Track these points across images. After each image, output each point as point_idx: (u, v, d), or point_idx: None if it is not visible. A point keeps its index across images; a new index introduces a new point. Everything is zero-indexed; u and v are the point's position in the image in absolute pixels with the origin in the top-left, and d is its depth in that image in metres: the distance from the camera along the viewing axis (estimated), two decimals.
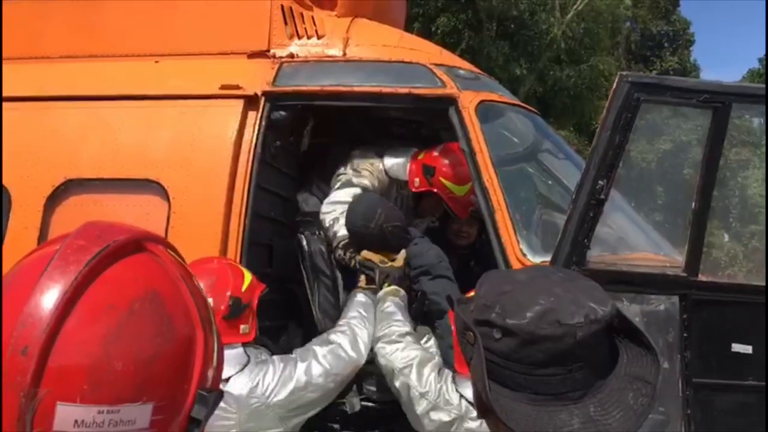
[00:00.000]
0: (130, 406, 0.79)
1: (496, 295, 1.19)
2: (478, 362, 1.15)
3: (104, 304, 0.82)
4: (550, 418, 1.10)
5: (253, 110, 3.57)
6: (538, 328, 1.11)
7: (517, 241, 3.29)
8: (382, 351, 3.01)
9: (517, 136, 3.99)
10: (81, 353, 0.78)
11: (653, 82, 3.14)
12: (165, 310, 0.86)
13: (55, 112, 3.61)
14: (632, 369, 1.16)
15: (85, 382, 0.77)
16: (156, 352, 0.83)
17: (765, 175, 4.83)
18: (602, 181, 3.05)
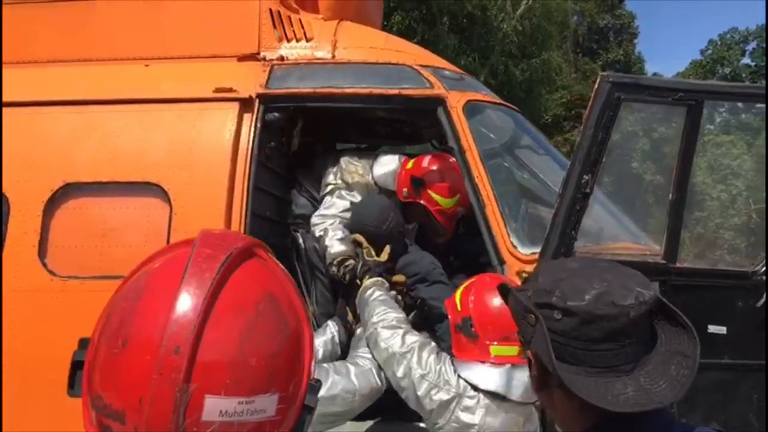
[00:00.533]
0: (262, 397, 0.89)
1: (553, 281, 1.35)
2: (541, 340, 1.31)
3: (235, 306, 0.92)
4: (607, 388, 1.27)
5: (248, 112, 3.65)
6: (596, 309, 1.28)
7: (508, 234, 3.46)
8: (381, 335, 3.07)
9: (501, 134, 4.15)
10: (222, 352, 0.88)
11: (632, 82, 3.35)
12: (281, 310, 0.97)
13: (50, 116, 3.63)
14: (671, 345, 1.35)
15: (227, 377, 0.87)
16: (279, 348, 0.94)
17: (765, 170, 5.07)
18: (587, 175, 3.24)
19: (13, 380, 3.27)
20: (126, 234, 3.41)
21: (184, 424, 0.85)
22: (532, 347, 1.36)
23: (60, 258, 3.42)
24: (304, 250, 3.80)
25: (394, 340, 3.03)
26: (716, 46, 38.29)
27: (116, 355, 0.89)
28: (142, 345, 0.88)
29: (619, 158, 16.13)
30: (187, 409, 0.85)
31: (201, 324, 0.88)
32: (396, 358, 2.98)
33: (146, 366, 0.86)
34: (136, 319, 0.91)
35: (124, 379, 0.88)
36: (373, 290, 3.34)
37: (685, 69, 38.80)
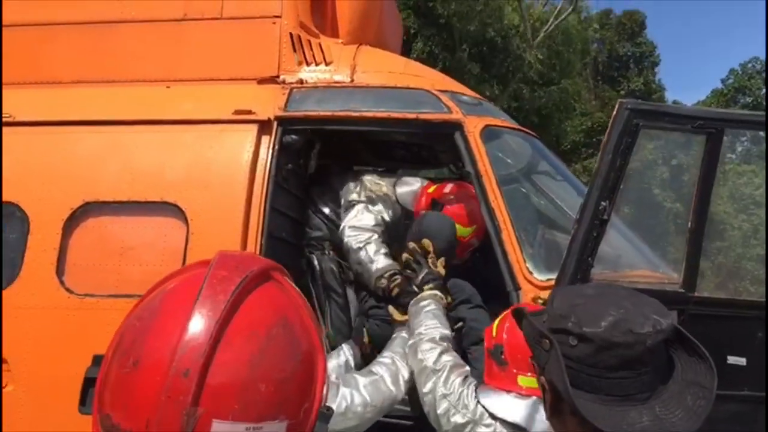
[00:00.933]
0: (270, 423, 0.88)
1: (569, 306, 1.33)
2: (555, 366, 1.29)
3: (247, 330, 0.91)
4: (622, 417, 1.25)
5: (267, 134, 3.68)
6: (612, 336, 1.26)
7: (524, 259, 3.44)
8: (420, 347, 3.08)
9: (518, 159, 4.15)
10: (232, 376, 0.87)
11: (651, 109, 3.34)
12: (294, 335, 0.96)
13: (72, 136, 3.69)
14: (688, 375, 1.32)
15: (236, 402, 0.86)
16: (290, 374, 0.93)
17: (765, 191, 5.04)
18: (605, 202, 3.22)
19: (30, 397, 3.28)
20: (143, 253, 3.43)
21: None
22: (546, 373, 1.34)
23: (77, 276, 3.45)
24: (320, 272, 3.79)
25: (431, 354, 3.05)
26: (737, 75, 38.13)
27: (127, 374, 0.89)
28: (152, 366, 0.88)
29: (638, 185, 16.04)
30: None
31: (212, 347, 0.87)
32: (426, 372, 3.01)
33: (155, 387, 0.86)
34: (149, 339, 0.91)
35: (133, 399, 0.87)
36: (429, 302, 3.34)
37: (706, 98, 38.66)
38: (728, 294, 6.01)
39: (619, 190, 3.28)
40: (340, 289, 3.76)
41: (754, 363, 3.32)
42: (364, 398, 2.97)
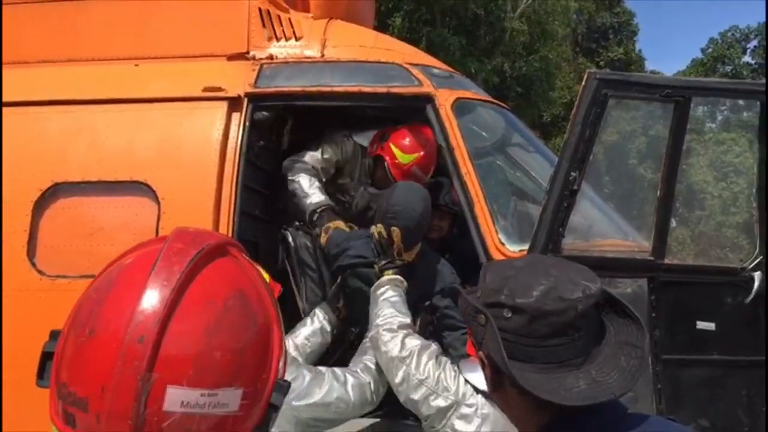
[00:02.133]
0: (225, 390, 0.89)
1: (501, 280, 1.36)
2: (492, 339, 1.32)
3: (203, 300, 0.92)
4: (559, 383, 1.28)
5: (237, 111, 3.66)
6: (544, 304, 1.29)
7: (496, 231, 3.46)
8: (382, 338, 2.98)
9: (490, 132, 4.16)
10: (187, 344, 0.88)
11: (619, 79, 3.36)
12: (251, 308, 0.97)
13: (39, 116, 3.64)
14: (620, 337, 1.36)
15: (190, 368, 0.87)
16: (246, 344, 0.94)
17: (758, 167, 5.05)
18: (575, 173, 3.24)
19: (5, 379, 3.27)
20: (114, 233, 3.41)
21: (144, 413, 0.86)
22: (484, 348, 1.36)
23: (49, 257, 3.43)
24: (294, 248, 3.80)
25: (393, 343, 2.94)
26: (717, 45, 38.25)
27: (83, 343, 0.90)
28: (107, 334, 0.89)
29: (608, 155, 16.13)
30: (148, 398, 0.86)
31: (167, 315, 0.88)
32: (395, 363, 2.90)
33: (110, 354, 0.87)
34: (104, 309, 0.92)
35: (88, 367, 0.89)
36: (386, 289, 3.20)
37: (686, 68, 38.81)
38: (702, 261, 6.10)
39: (588, 160, 3.30)
40: (315, 265, 3.77)
41: (723, 328, 3.38)
42: (349, 397, 2.91)
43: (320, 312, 3.52)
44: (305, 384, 2.83)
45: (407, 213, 3.29)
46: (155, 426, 0.87)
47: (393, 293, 3.18)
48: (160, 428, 0.87)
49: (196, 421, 0.88)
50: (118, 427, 0.86)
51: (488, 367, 1.37)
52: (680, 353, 3.37)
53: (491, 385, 1.40)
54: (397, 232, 3.27)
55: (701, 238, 21.32)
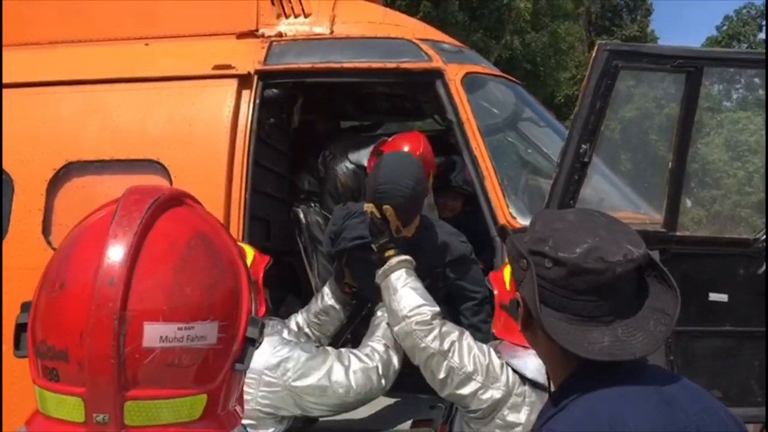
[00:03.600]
0: (201, 324, 0.92)
1: (549, 230, 1.40)
2: (529, 284, 1.37)
3: (166, 242, 0.95)
4: (584, 336, 1.33)
5: (247, 89, 3.67)
6: (584, 262, 1.33)
7: (507, 204, 3.46)
8: (416, 333, 2.69)
9: (501, 107, 4.14)
10: (157, 281, 0.91)
11: (630, 50, 3.33)
12: (214, 248, 1.00)
13: (52, 96, 3.68)
14: (655, 302, 1.39)
15: (164, 304, 0.90)
16: (214, 281, 0.97)
17: (765, 137, 5.04)
18: (585, 145, 3.23)
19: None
20: None
21: (125, 352, 0.88)
22: (521, 290, 1.42)
23: (63, 235, 3.46)
24: (306, 225, 3.83)
25: (432, 337, 2.67)
26: (732, 22, 37.71)
27: (55, 297, 0.92)
28: (78, 283, 0.91)
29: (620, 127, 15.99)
30: (126, 336, 0.88)
31: (133, 257, 0.90)
32: (436, 358, 2.64)
33: (83, 301, 0.89)
34: (72, 263, 0.94)
35: (63, 317, 0.91)
36: (401, 273, 2.90)
37: (701, 46, 38.33)
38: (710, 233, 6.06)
39: (599, 132, 3.29)
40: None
41: (735, 299, 3.37)
42: (349, 383, 2.74)
43: (327, 290, 3.43)
44: (300, 363, 2.70)
45: (397, 189, 2.98)
46: (138, 363, 0.89)
47: (409, 278, 2.88)
48: (143, 365, 0.89)
49: (176, 354, 0.90)
50: (101, 368, 0.88)
51: (522, 308, 1.43)
52: (692, 325, 3.36)
53: (523, 324, 1.46)
54: (390, 210, 2.98)
55: (717, 218, 21.15)
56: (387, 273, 2.92)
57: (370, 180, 3.09)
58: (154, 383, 0.90)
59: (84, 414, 0.89)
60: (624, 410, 1.27)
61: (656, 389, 1.32)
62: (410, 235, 3.12)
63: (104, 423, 0.88)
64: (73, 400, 0.89)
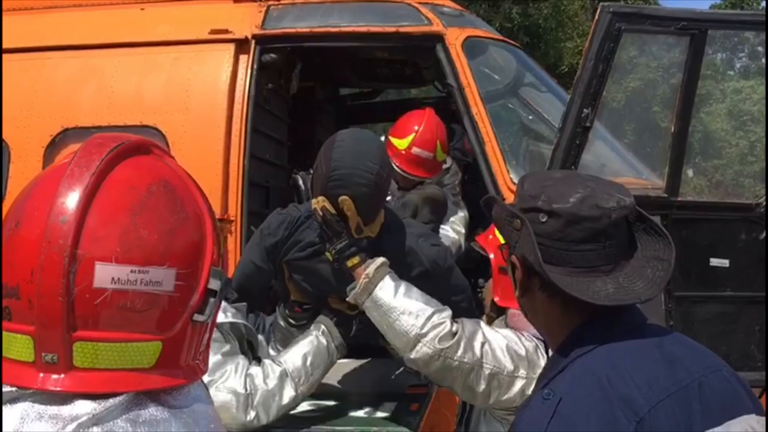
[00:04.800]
0: (157, 269, 0.90)
1: (539, 187, 1.41)
2: (527, 241, 1.37)
3: (125, 184, 0.93)
4: (588, 286, 1.34)
5: (245, 54, 3.62)
6: (580, 210, 1.35)
7: (507, 170, 3.44)
8: (446, 353, 2.21)
9: (502, 73, 4.10)
10: (111, 221, 0.89)
11: (633, 12, 3.29)
12: (176, 194, 0.97)
13: (48, 62, 3.64)
14: (648, 252, 1.41)
15: (117, 245, 0.88)
16: (174, 226, 0.94)
17: (765, 101, 4.95)
18: (587, 109, 3.19)
19: None
20: None
21: (75, 291, 0.87)
22: (517, 251, 1.41)
23: None
24: (305, 191, 3.80)
25: (461, 350, 2.21)
26: None
27: (10, 236, 0.91)
28: (32, 221, 0.89)
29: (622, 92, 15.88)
30: (77, 275, 0.86)
31: (88, 196, 0.89)
32: (474, 373, 2.23)
33: (36, 238, 0.87)
34: (28, 202, 0.92)
35: (16, 255, 0.89)
36: (385, 283, 2.32)
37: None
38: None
39: (601, 96, 3.25)
40: None
41: (736, 264, 3.35)
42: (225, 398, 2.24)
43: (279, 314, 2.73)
44: (212, 362, 2.09)
45: (358, 174, 2.36)
46: (89, 304, 0.87)
47: (398, 284, 2.33)
48: (93, 305, 0.88)
49: (129, 297, 0.89)
50: (50, 305, 0.86)
51: (520, 270, 1.42)
52: (693, 290, 3.35)
53: (521, 289, 1.44)
54: (348, 202, 2.34)
55: (718, 188, 21.11)
56: (368, 289, 2.32)
57: (320, 167, 2.44)
58: (106, 326, 0.88)
59: (33, 353, 0.88)
60: (625, 368, 1.27)
61: (657, 347, 1.32)
62: (374, 235, 2.47)
63: (53, 363, 0.87)
64: (23, 339, 0.88)
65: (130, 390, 0.89)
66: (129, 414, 0.88)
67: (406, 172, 3.73)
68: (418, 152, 3.73)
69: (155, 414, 0.90)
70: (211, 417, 0.98)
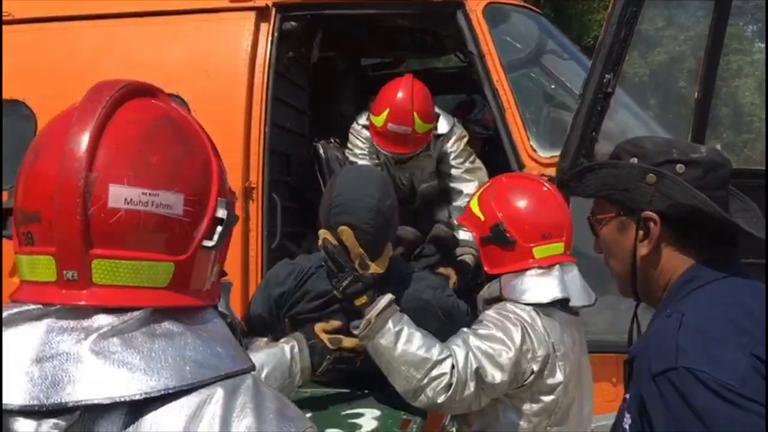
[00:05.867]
0: (166, 192, 0.95)
1: (665, 144, 1.50)
2: (677, 190, 1.41)
3: (134, 117, 0.98)
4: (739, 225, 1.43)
5: (265, 22, 3.64)
6: (715, 157, 1.45)
7: (527, 137, 3.43)
8: (452, 397, 2.17)
9: (524, 41, 4.06)
10: (121, 149, 0.95)
11: None
12: (181, 130, 1.03)
13: (72, 31, 3.68)
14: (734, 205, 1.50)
15: (128, 169, 0.94)
16: (181, 155, 0.99)
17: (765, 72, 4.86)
18: (609, 75, 3.16)
19: None
20: None
21: (91, 210, 0.92)
22: (654, 205, 1.44)
23: None
24: (325, 160, 3.83)
25: (457, 394, 2.18)
26: None
27: (31, 167, 0.97)
28: (49, 152, 0.95)
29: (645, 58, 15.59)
30: (92, 196, 0.92)
31: (99, 127, 0.94)
32: (475, 401, 2.23)
33: (53, 165, 0.93)
34: (44, 138, 0.99)
35: (37, 182, 0.95)
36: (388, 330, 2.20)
37: None
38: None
39: (624, 62, 3.21)
40: None
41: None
42: None
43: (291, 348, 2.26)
44: None
45: (359, 202, 2.27)
46: (104, 223, 0.93)
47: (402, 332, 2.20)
48: (109, 224, 0.93)
49: (141, 217, 0.94)
50: (69, 225, 0.91)
51: (658, 225, 1.44)
52: None
53: (652, 246, 1.45)
54: (347, 232, 2.23)
55: (748, 163, 20.78)
56: (370, 335, 2.21)
57: (324, 196, 2.40)
58: (121, 244, 0.93)
59: (56, 272, 0.93)
60: (748, 298, 1.34)
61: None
62: (382, 271, 2.30)
63: (74, 280, 0.92)
64: (45, 259, 0.93)
65: (146, 305, 0.95)
66: (146, 328, 0.94)
67: (384, 149, 3.62)
68: (395, 128, 3.54)
69: (171, 328, 0.96)
70: (228, 337, 1.03)
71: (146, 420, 0.90)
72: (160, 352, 0.92)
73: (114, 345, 0.91)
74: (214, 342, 0.99)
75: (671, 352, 1.24)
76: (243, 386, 0.96)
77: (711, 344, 1.24)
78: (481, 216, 2.46)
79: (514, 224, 2.40)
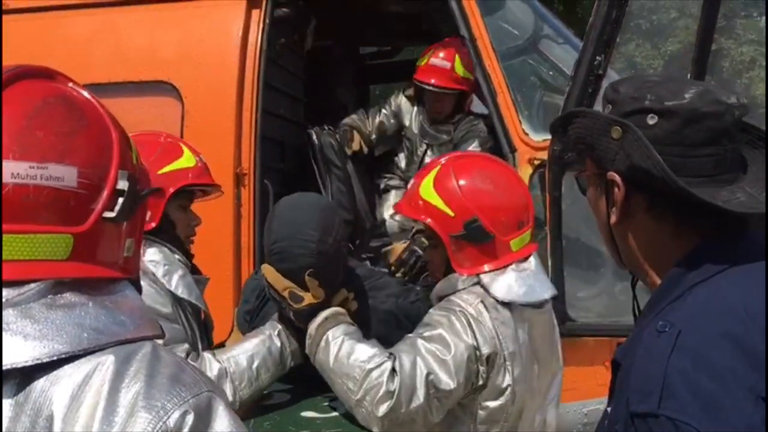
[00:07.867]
0: (56, 165, 0.95)
1: (642, 88, 1.19)
2: (635, 148, 1.15)
3: (21, 96, 0.97)
4: (713, 195, 1.12)
5: (257, 8, 3.62)
6: (701, 106, 1.13)
7: (519, 121, 3.40)
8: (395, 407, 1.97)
9: (519, 27, 4.03)
10: (7, 127, 0.94)
11: None
12: (76, 105, 1.02)
13: (65, 20, 3.69)
14: (759, 164, 1.21)
15: (14, 144, 0.93)
16: (73, 129, 0.99)
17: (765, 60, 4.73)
18: (600, 56, 3.12)
19: None
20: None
21: None
22: (617, 165, 1.18)
23: None
24: (319, 146, 3.83)
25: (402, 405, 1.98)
26: None
27: None
28: None
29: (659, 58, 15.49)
30: None
31: None
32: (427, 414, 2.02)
33: None
34: None
35: None
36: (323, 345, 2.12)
37: None
38: None
39: (615, 43, 3.18)
40: (340, 162, 3.80)
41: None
42: None
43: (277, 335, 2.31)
44: None
45: (298, 248, 2.17)
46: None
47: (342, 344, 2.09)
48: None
49: (30, 191, 0.93)
50: None
51: (621, 190, 1.19)
52: None
53: (619, 214, 1.21)
54: (269, 270, 2.20)
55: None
56: (311, 350, 2.15)
57: (264, 236, 2.32)
58: (13, 218, 0.93)
59: None
60: (757, 304, 1.06)
61: None
62: (318, 300, 2.18)
63: None
64: None
65: (44, 277, 0.94)
66: (46, 299, 0.93)
67: (420, 81, 3.89)
68: (435, 62, 3.91)
69: (72, 299, 0.95)
70: (137, 307, 1.02)
71: (36, 386, 0.90)
72: (58, 321, 0.92)
73: (10, 316, 0.90)
74: (120, 312, 0.98)
75: (656, 388, 0.99)
76: (140, 353, 0.95)
77: (709, 382, 0.98)
78: (449, 211, 2.10)
79: (492, 216, 2.10)
